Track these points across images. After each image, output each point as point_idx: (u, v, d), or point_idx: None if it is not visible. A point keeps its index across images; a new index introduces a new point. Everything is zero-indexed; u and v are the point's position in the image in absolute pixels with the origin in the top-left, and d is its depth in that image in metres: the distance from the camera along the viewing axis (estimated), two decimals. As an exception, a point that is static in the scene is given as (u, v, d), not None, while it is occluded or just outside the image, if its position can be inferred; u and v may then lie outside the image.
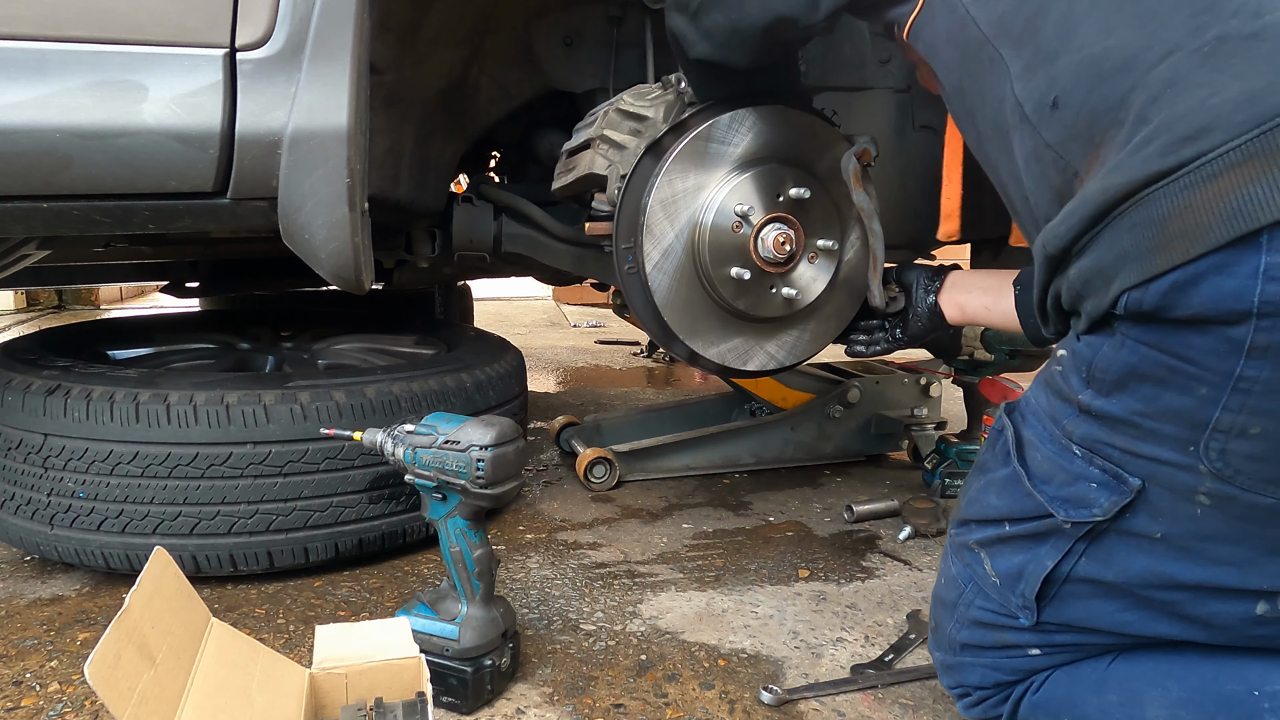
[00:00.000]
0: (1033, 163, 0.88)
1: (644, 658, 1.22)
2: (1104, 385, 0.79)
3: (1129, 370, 0.76)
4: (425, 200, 1.68)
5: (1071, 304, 0.81)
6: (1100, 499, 0.81)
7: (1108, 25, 0.80)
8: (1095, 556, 0.84)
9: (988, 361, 1.85)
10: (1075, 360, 0.82)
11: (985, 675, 0.96)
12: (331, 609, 1.34)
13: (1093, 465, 0.82)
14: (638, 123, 1.36)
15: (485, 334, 2.12)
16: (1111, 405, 0.79)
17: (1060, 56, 0.84)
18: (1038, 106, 0.85)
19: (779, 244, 1.31)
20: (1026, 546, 0.89)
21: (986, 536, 0.93)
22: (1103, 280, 0.75)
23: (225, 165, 1.10)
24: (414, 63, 1.51)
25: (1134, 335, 0.75)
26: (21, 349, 1.61)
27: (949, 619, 0.98)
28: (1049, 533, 0.86)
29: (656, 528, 1.72)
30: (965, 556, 0.96)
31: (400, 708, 0.91)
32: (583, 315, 5.31)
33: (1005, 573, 0.91)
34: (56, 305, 5.24)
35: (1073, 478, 0.83)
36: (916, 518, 1.70)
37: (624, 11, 1.71)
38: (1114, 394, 0.78)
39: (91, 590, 1.40)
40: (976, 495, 0.95)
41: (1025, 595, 0.89)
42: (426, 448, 1.09)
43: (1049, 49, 0.85)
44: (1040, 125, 0.85)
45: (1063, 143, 0.83)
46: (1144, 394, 0.76)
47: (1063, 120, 0.82)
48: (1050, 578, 0.87)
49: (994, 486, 0.93)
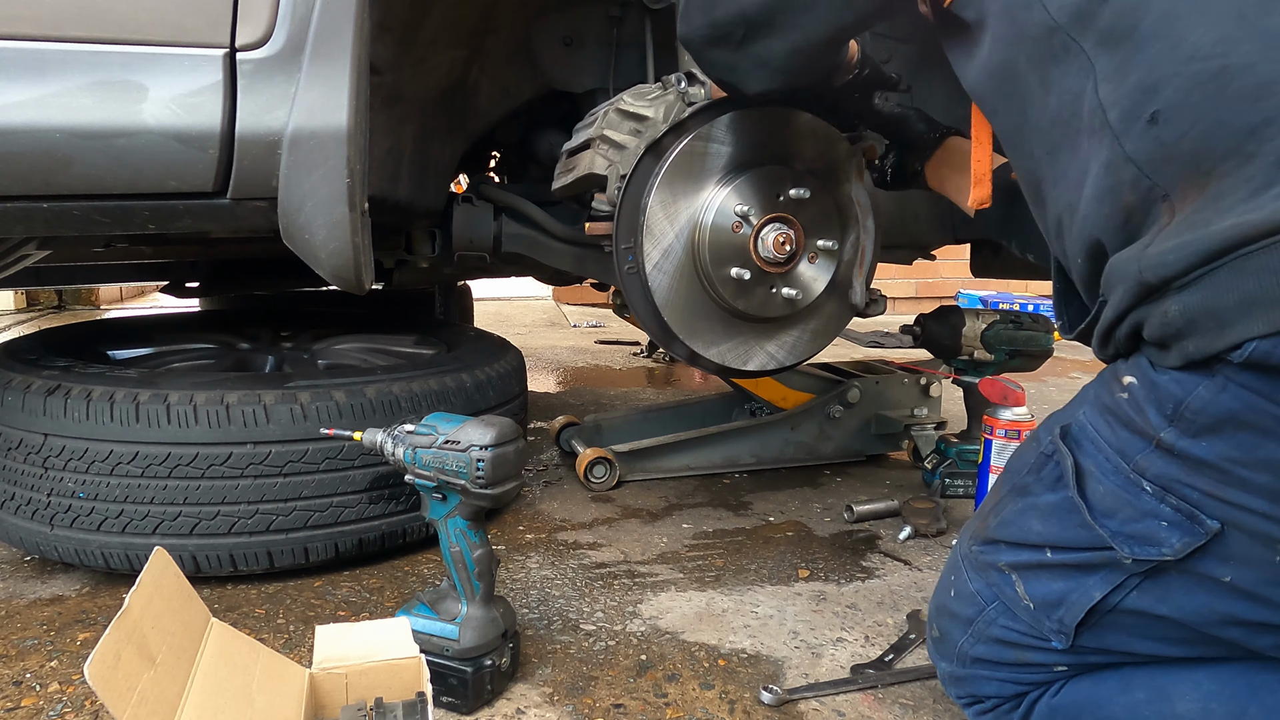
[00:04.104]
0: (1103, 173, 0.80)
1: (644, 658, 1.22)
2: (1193, 426, 0.74)
3: (1229, 416, 0.71)
4: (425, 200, 1.68)
5: (1163, 338, 0.75)
6: (1171, 539, 0.77)
7: (1225, 37, 0.73)
8: (1150, 591, 0.81)
9: (988, 361, 1.85)
10: (1156, 395, 0.76)
11: (1002, 687, 0.94)
12: (331, 609, 1.34)
13: (1164, 503, 0.77)
14: (638, 123, 1.36)
15: (485, 334, 2.11)
16: (1198, 447, 0.74)
17: (1163, 64, 0.75)
18: (1126, 116, 0.78)
19: (779, 244, 1.32)
20: (1071, 575, 0.85)
21: (1021, 560, 0.90)
22: (1216, 322, 0.69)
23: (225, 165, 1.10)
24: (414, 63, 1.51)
25: (1241, 381, 0.70)
26: (21, 349, 1.61)
27: (961, 633, 0.95)
28: (1102, 565, 0.83)
29: (656, 528, 1.72)
30: (991, 576, 0.93)
31: (400, 708, 0.91)
32: (583, 315, 5.31)
33: (1042, 598, 0.87)
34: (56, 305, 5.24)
35: (1140, 514, 0.79)
36: (916, 518, 1.70)
37: (624, 11, 1.71)
38: (1203, 436, 0.73)
39: (91, 590, 1.40)
40: (1013, 518, 0.91)
41: (1064, 622, 0.86)
42: (426, 448, 1.09)
43: (1148, 52, 0.77)
44: (1124, 136, 0.78)
45: (1153, 161, 0.76)
46: (1240, 441, 0.72)
47: (1160, 138, 0.75)
48: (1096, 608, 0.84)
49: (1037, 512, 0.89)
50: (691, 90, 1.34)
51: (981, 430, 1.67)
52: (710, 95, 1.34)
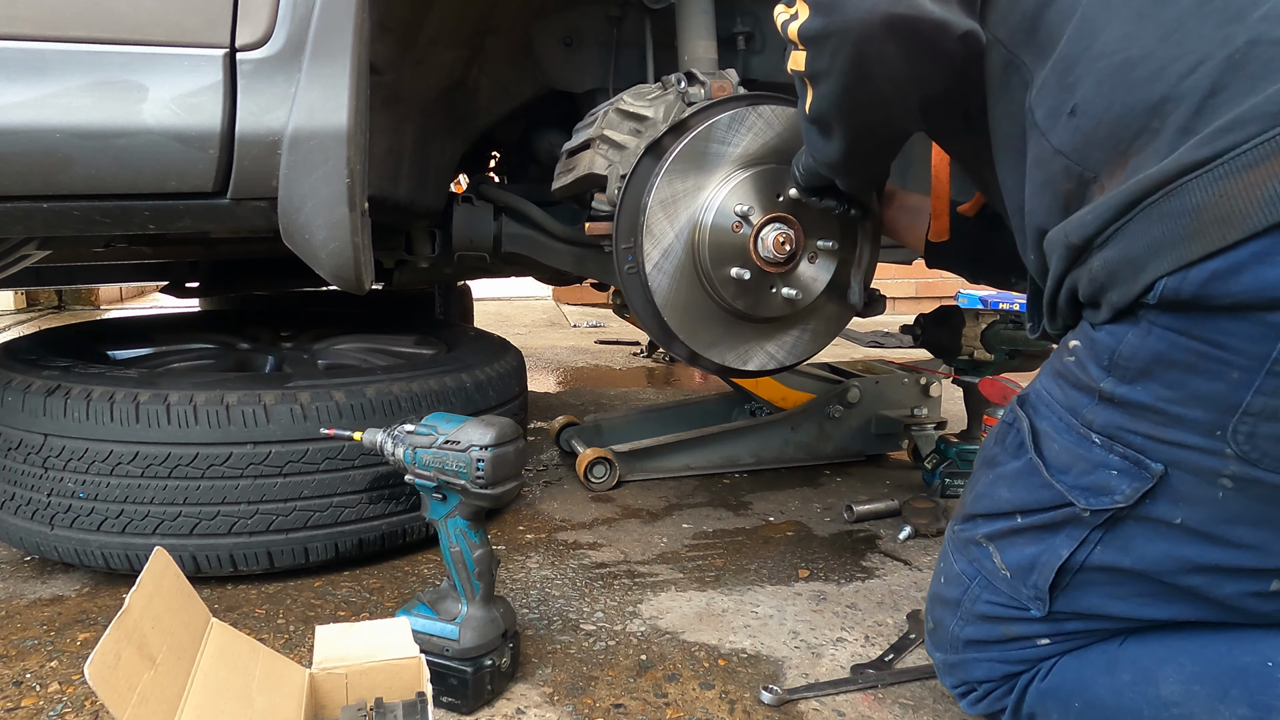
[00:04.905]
0: (1036, 168, 0.89)
1: (644, 658, 1.22)
2: (1128, 373, 0.79)
3: (1156, 357, 0.77)
4: (425, 200, 1.68)
5: (1092, 295, 0.81)
6: (1121, 486, 0.82)
7: (1127, 35, 0.81)
8: (1111, 544, 0.85)
9: (988, 361, 1.85)
10: (1094, 349, 0.82)
11: (992, 669, 0.96)
12: (331, 609, 1.34)
13: (1112, 453, 0.82)
14: (637, 123, 1.36)
15: (485, 334, 2.11)
16: (1135, 392, 0.79)
17: (1078, 64, 0.84)
18: (1051, 114, 0.86)
19: (779, 244, 1.32)
20: (1040, 537, 0.89)
21: (996, 530, 0.94)
22: (1131, 269, 0.76)
23: (225, 165, 1.10)
24: (414, 63, 1.51)
25: (1162, 323, 0.76)
26: (21, 349, 1.61)
27: (951, 617, 0.98)
28: (1064, 522, 0.87)
29: (656, 528, 1.72)
30: (972, 552, 0.96)
31: (400, 708, 0.91)
32: (583, 315, 5.31)
33: (1016, 565, 0.91)
34: (56, 305, 5.24)
35: (1092, 466, 0.84)
36: (916, 518, 1.70)
37: (624, 11, 1.71)
38: (1138, 381, 0.79)
39: (91, 590, 1.40)
40: (985, 490, 0.96)
41: (1038, 586, 0.89)
42: (426, 448, 1.09)
43: (1066, 56, 0.85)
44: (1050, 132, 0.86)
45: (1078, 150, 0.83)
46: (1170, 380, 0.77)
47: (1080, 127, 0.83)
48: (1065, 567, 0.87)
49: (1005, 480, 0.93)
50: (691, 90, 1.34)
51: (981, 430, 1.68)
52: (710, 95, 1.34)
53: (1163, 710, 0.85)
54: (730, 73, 1.39)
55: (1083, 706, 0.90)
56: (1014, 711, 0.96)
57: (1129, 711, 0.87)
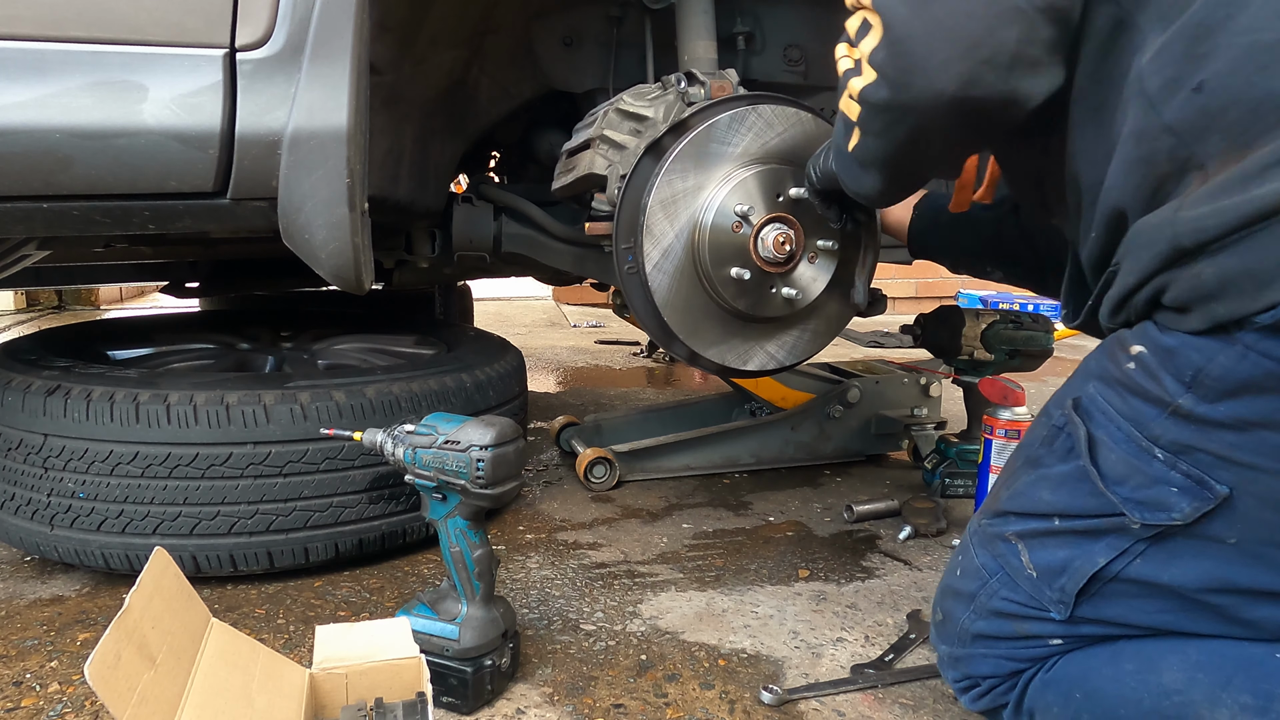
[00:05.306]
0: (1133, 144, 0.81)
1: (644, 658, 1.22)
2: (1212, 392, 0.76)
3: (1249, 382, 0.73)
4: (425, 200, 1.68)
5: (1187, 301, 0.76)
6: (1181, 504, 0.79)
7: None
8: (1154, 558, 0.83)
9: (988, 361, 1.85)
10: (1171, 362, 0.78)
11: (999, 665, 0.95)
12: (331, 609, 1.34)
13: (1175, 470, 0.79)
14: (637, 123, 1.36)
15: (485, 334, 2.11)
16: (1217, 411, 0.76)
17: (1214, 35, 0.75)
18: (1169, 84, 0.77)
19: (779, 244, 1.32)
20: (1076, 542, 0.87)
21: (1029, 529, 0.92)
22: (1253, 284, 0.71)
23: (225, 165, 1.10)
24: (414, 63, 1.51)
25: (1261, 348, 0.72)
26: (21, 349, 1.61)
27: (963, 610, 0.97)
28: (1108, 531, 0.85)
29: (656, 528, 1.72)
30: (998, 547, 0.94)
31: (400, 708, 0.91)
32: (583, 315, 5.31)
33: (1045, 566, 0.90)
34: (56, 305, 5.24)
35: (1150, 480, 0.81)
36: (916, 518, 1.70)
37: (624, 11, 1.71)
38: (1223, 401, 0.75)
39: (91, 590, 1.40)
40: (1024, 489, 0.93)
41: (1065, 590, 0.88)
42: (426, 448, 1.09)
43: (1201, 23, 0.76)
44: (1163, 105, 0.78)
45: (1195, 130, 0.76)
46: (1259, 406, 0.74)
47: (1204, 107, 0.75)
48: (1098, 575, 0.86)
49: (1048, 482, 0.91)
50: (691, 90, 1.34)
51: (981, 430, 1.68)
52: (710, 95, 1.34)
53: (1163, 698, 0.84)
54: (730, 73, 1.39)
55: (1083, 696, 0.89)
56: (1015, 707, 0.95)
57: (1129, 699, 0.86)
